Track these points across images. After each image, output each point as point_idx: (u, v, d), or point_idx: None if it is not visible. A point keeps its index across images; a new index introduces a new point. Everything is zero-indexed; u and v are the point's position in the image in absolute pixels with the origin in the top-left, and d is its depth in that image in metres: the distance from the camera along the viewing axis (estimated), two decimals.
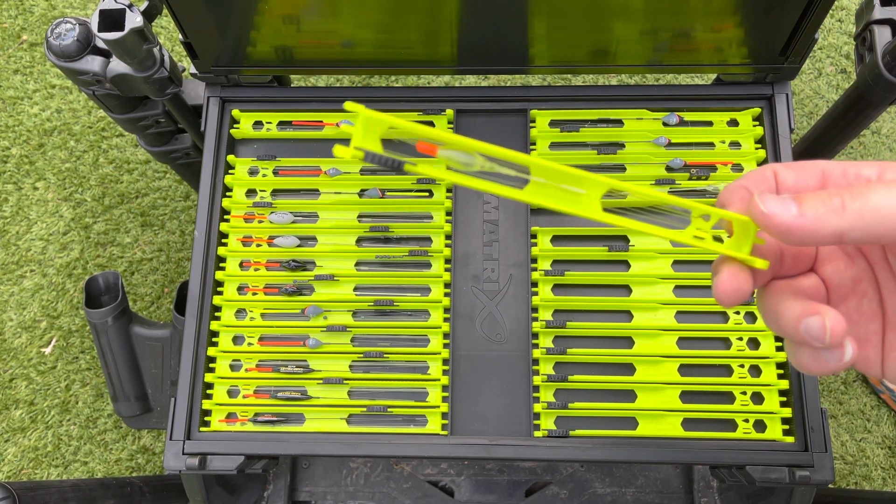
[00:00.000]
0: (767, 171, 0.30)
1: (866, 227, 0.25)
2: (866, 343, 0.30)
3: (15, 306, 1.01)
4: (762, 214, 0.27)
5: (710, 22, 0.57)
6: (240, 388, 0.59)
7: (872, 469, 0.92)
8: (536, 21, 0.57)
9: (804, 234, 0.26)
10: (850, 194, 0.26)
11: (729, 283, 0.30)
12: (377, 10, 0.56)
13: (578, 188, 0.30)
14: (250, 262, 0.62)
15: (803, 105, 1.07)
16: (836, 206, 0.26)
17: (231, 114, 0.65)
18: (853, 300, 0.31)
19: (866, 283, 0.31)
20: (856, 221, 0.25)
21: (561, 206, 0.30)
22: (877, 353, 0.30)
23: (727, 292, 0.30)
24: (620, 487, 0.77)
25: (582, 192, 0.30)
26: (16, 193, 1.06)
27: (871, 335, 0.30)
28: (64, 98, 1.10)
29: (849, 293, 0.31)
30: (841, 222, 0.25)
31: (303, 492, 0.79)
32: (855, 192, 0.26)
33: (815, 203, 0.26)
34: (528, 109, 0.64)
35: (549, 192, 0.30)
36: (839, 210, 0.25)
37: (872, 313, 0.30)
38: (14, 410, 0.97)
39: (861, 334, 0.31)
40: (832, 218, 0.26)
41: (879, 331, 0.30)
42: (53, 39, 0.63)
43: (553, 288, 0.60)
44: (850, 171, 0.28)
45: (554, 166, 0.29)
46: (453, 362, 0.59)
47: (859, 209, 0.25)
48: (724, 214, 0.30)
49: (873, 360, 0.30)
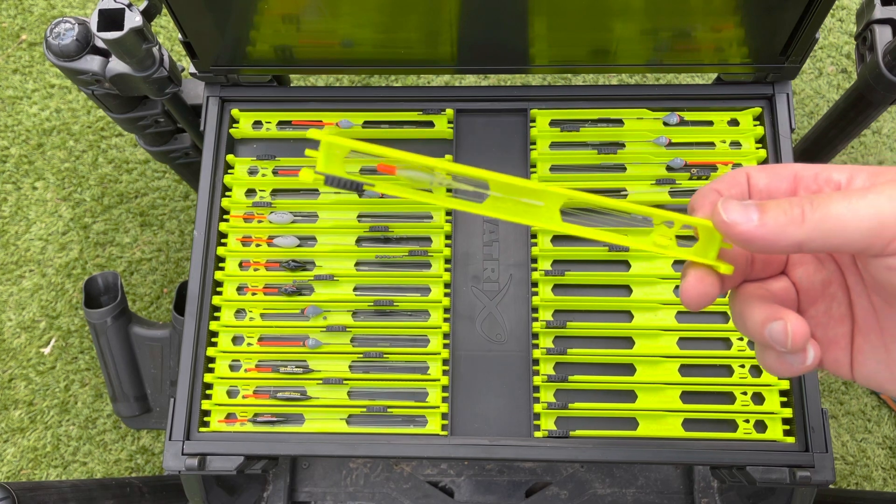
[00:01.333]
0: (740, 175, 0.30)
1: (824, 238, 0.25)
2: (835, 346, 0.31)
3: (14, 306, 1.01)
4: (723, 223, 0.27)
5: (710, 21, 0.57)
6: (239, 389, 0.59)
7: (873, 469, 0.92)
8: (536, 21, 0.57)
9: (764, 243, 0.26)
10: (811, 204, 0.26)
11: (694, 287, 0.30)
12: (377, 9, 0.56)
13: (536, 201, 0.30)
14: (250, 262, 0.62)
15: (804, 105, 1.07)
16: (797, 216, 0.26)
17: (230, 113, 0.65)
18: (822, 303, 0.31)
19: (836, 286, 0.31)
20: (814, 232, 0.25)
21: (520, 219, 0.31)
22: (846, 355, 0.30)
23: (692, 296, 0.30)
24: (621, 488, 0.77)
25: (540, 205, 0.30)
26: (15, 193, 1.06)
27: (839, 338, 0.30)
28: (63, 98, 1.10)
29: (818, 296, 0.31)
30: (800, 233, 0.26)
31: (302, 492, 0.78)
32: (816, 202, 0.26)
33: (775, 213, 0.26)
34: (528, 109, 0.64)
35: (508, 206, 0.30)
36: (799, 221, 0.26)
37: (841, 317, 0.31)
38: (13, 411, 0.97)
39: (830, 337, 0.31)
40: (791, 228, 0.26)
41: (848, 334, 0.30)
42: (52, 39, 0.63)
43: (553, 288, 0.60)
44: (821, 175, 0.29)
45: (511, 181, 0.29)
46: (453, 362, 0.59)
47: (818, 220, 0.25)
48: (687, 220, 0.30)
49: (842, 363, 0.30)
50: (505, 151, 0.64)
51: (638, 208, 0.30)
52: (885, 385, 0.29)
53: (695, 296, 0.30)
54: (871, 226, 0.24)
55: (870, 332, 0.30)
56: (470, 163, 0.64)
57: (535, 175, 0.62)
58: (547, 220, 0.31)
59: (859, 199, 0.25)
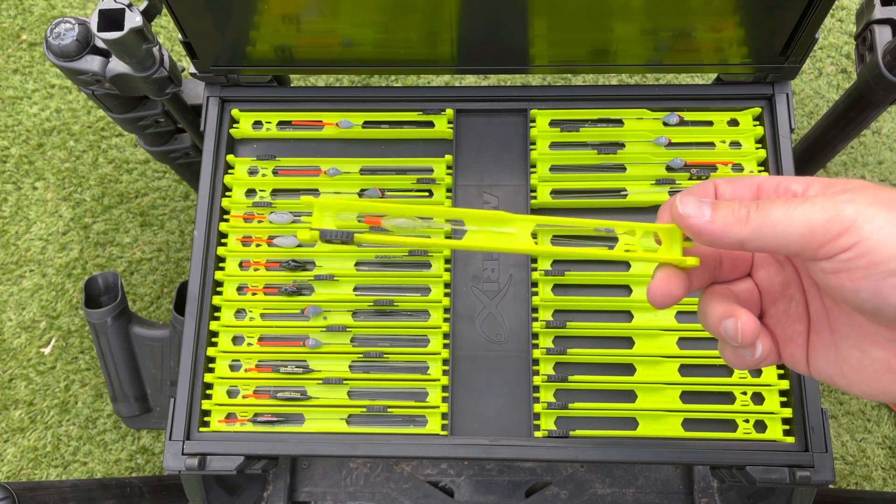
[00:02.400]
0: (709, 185, 0.33)
1: (762, 239, 0.28)
2: (792, 342, 0.33)
3: (14, 306, 1.01)
4: (679, 215, 0.30)
5: (710, 21, 0.57)
6: (239, 389, 0.59)
7: (873, 469, 0.92)
8: (536, 21, 0.57)
9: (712, 236, 0.30)
10: (756, 208, 0.28)
11: (659, 287, 0.33)
12: (377, 9, 0.56)
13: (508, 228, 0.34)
14: (250, 262, 0.62)
15: (804, 105, 1.07)
16: (742, 217, 0.29)
17: (230, 113, 0.65)
18: (782, 303, 0.34)
19: (794, 287, 0.33)
20: (754, 233, 0.28)
21: (497, 247, 0.34)
22: (802, 351, 0.33)
23: (657, 295, 0.33)
24: (621, 488, 0.77)
25: (513, 231, 0.34)
26: (15, 193, 1.06)
27: (797, 335, 0.33)
28: (63, 98, 1.10)
29: (778, 297, 0.34)
30: (743, 232, 0.29)
31: (302, 492, 0.78)
32: (761, 206, 0.28)
33: (725, 212, 0.29)
34: (528, 109, 0.64)
35: (484, 237, 0.34)
36: (743, 221, 0.29)
37: (799, 316, 0.33)
38: (13, 411, 0.97)
39: (788, 334, 0.33)
40: (737, 227, 0.29)
41: (804, 331, 0.33)
42: (53, 39, 0.63)
43: (553, 288, 0.60)
44: (781, 185, 0.32)
45: (482, 214, 0.33)
46: (453, 362, 0.59)
47: (759, 223, 0.28)
48: (646, 227, 0.34)
49: (799, 358, 0.33)
50: (505, 151, 0.64)
51: (600, 223, 0.34)
52: (834, 380, 0.32)
53: (660, 295, 0.33)
54: (802, 232, 0.27)
55: (822, 330, 0.32)
56: (470, 163, 0.64)
57: (535, 175, 0.62)
58: (522, 244, 0.34)
59: (796, 208, 0.27)
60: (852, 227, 0.26)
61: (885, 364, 0.29)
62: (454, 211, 0.34)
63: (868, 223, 0.26)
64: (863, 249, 0.26)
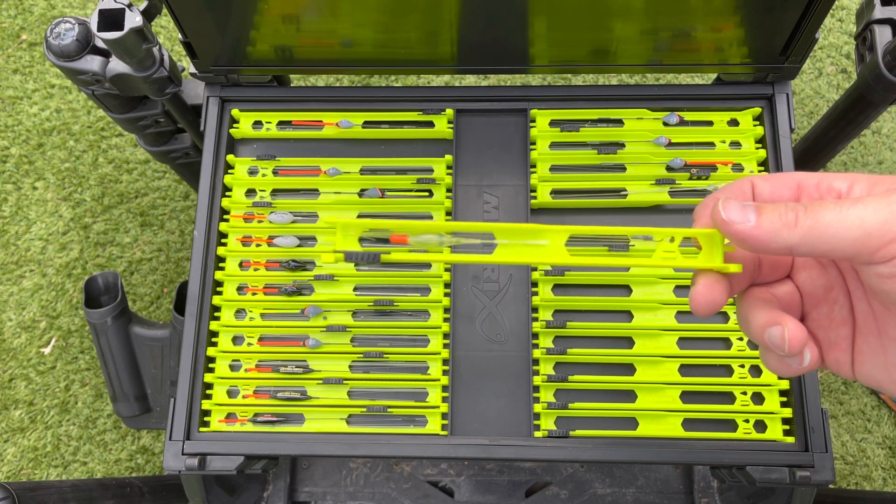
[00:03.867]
0: (745, 184, 0.31)
1: (813, 244, 0.27)
2: (836, 347, 0.32)
3: (14, 306, 1.01)
4: (722, 221, 0.29)
5: (710, 21, 0.57)
6: (239, 389, 0.59)
7: (873, 469, 0.92)
8: (536, 21, 0.57)
9: (758, 243, 0.28)
10: (805, 211, 0.27)
11: (703, 295, 0.32)
12: (377, 9, 0.56)
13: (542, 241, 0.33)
14: (250, 262, 0.62)
15: (804, 105, 1.07)
16: (790, 221, 0.27)
17: (230, 113, 0.65)
18: (825, 307, 0.32)
19: (837, 290, 0.32)
20: (804, 238, 0.27)
21: (529, 260, 0.33)
22: (847, 356, 0.32)
23: (700, 304, 0.32)
24: (621, 488, 0.77)
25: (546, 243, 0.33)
26: (15, 193, 1.06)
27: (841, 340, 0.32)
28: (63, 98, 1.10)
29: (821, 300, 0.33)
30: (792, 237, 0.27)
31: (302, 492, 0.78)
32: (809, 209, 0.27)
33: (771, 216, 0.28)
34: (528, 109, 0.64)
35: (516, 251, 0.33)
36: (792, 225, 0.27)
37: (843, 319, 0.32)
38: (13, 411, 0.97)
39: (832, 339, 0.32)
40: (785, 232, 0.27)
41: (849, 336, 0.32)
42: (53, 39, 0.63)
43: (553, 288, 0.60)
44: (823, 183, 0.30)
45: (514, 227, 0.32)
46: (453, 362, 0.59)
47: (809, 227, 0.27)
48: (686, 233, 0.32)
49: (843, 363, 0.32)
50: (505, 151, 0.64)
51: (637, 230, 0.32)
52: (883, 385, 0.30)
53: (703, 303, 0.31)
54: (857, 235, 0.26)
55: (869, 334, 0.31)
56: (470, 163, 0.64)
57: (536, 175, 0.62)
58: (555, 256, 0.33)
59: (848, 209, 0.26)
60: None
61: None
62: (483, 225, 0.32)
63: None
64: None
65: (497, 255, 0.33)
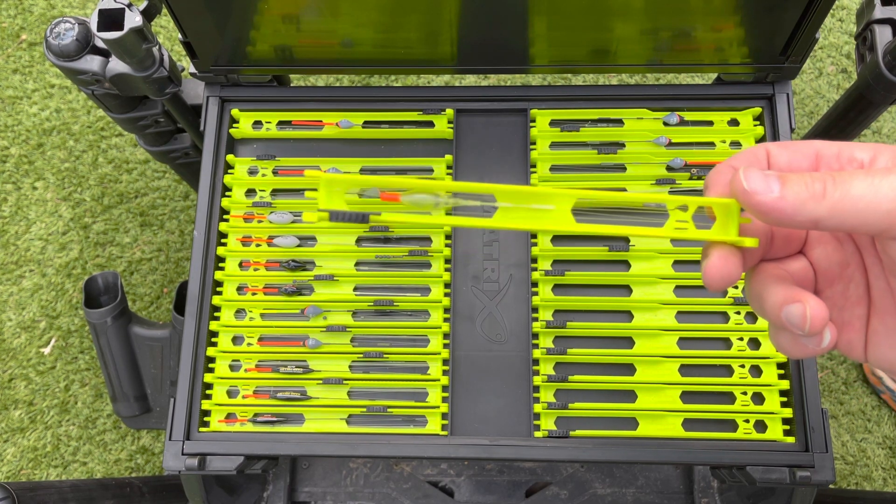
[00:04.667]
0: (760, 151, 0.29)
1: (842, 217, 0.25)
2: (849, 327, 0.30)
3: (14, 306, 1.01)
4: (743, 191, 0.26)
5: (710, 21, 0.57)
6: (239, 389, 0.59)
7: (873, 469, 0.92)
8: (536, 20, 0.57)
9: (782, 215, 0.26)
10: (833, 181, 0.25)
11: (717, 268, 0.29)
12: (377, 9, 0.56)
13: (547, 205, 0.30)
14: (250, 262, 0.62)
15: (804, 105, 1.07)
16: (818, 192, 0.25)
17: (230, 113, 0.65)
18: (840, 284, 0.31)
19: (854, 267, 0.30)
20: (832, 211, 0.25)
21: (532, 226, 0.30)
22: (860, 337, 0.30)
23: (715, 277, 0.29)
24: (621, 488, 0.77)
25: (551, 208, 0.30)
26: (15, 193, 1.06)
27: (854, 320, 0.30)
28: (63, 98, 1.10)
29: (836, 277, 0.31)
30: (818, 209, 0.25)
31: (302, 492, 0.78)
32: (838, 179, 0.25)
33: (797, 187, 0.26)
34: (528, 109, 0.64)
35: (518, 215, 0.30)
36: (820, 196, 0.25)
37: (858, 298, 0.30)
38: (13, 411, 0.97)
39: (845, 318, 0.30)
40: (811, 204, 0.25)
41: (864, 315, 0.30)
42: (53, 39, 0.63)
43: (553, 288, 0.60)
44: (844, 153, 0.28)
45: (518, 189, 0.29)
46: (453, 362, 0.59)
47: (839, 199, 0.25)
48: (701, 201, 0.29)
49: (856, 344, 0.30)
50: (505, 151, 0.64)
51: (650, 197, 0.30)
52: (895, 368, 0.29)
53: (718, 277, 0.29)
54: (891, 208, 0.24)
55: (885, 314, 0.29)
56: (470, 163, 0.64)
57: (535, 175, 0.62)
58: (560, 222, 0.30)
59: (881, 180, 0.24)
60: None
61: None
62: (483, 186, 0.29)
63: None
64: None
65: (497, 220, 0.30)
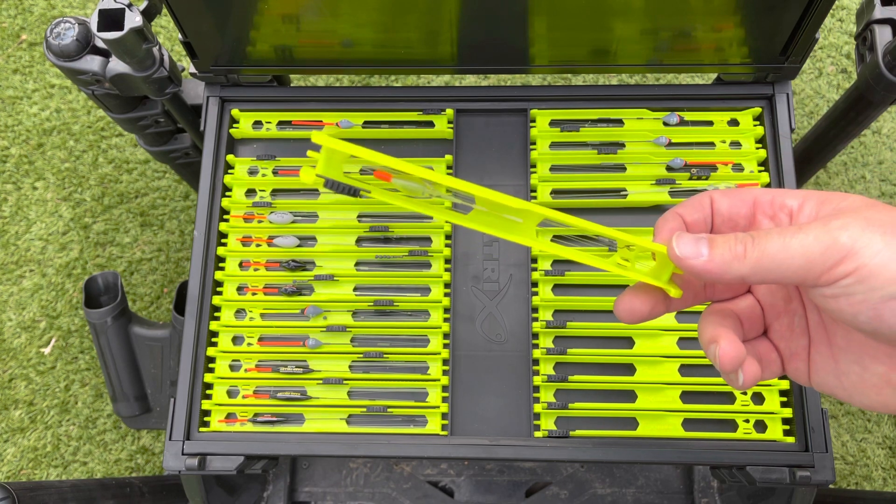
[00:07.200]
0: (704, 199, 0.33)
1: (763, 274, 0.28)
2: (796, 357, 0.34)
3: (14, 306, 1.01)
4: (675, 257, 0.30)
5: (710, 21, 0.57)
6: (239, 389, 0.59)
7: (873, 469, 0.92)
8: (536, 21, 0.57)
9: (712, 276, 0.29)
10: (753, 242, 0.28)
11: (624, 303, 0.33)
12: (377, 9, 0.56)
13: (516, 217, 0.32)
14: (250, 262, 0.62)
15: (804, 105, 1.07)
16: (739, 253, 0.29)
17: (230, 113, 0.65)
18: (785, 318, 0.34)
19: (796, 302, 0.34)
20: (754, 268, 0.28)
21: (499, 233, 0.33)
22: (804, 365, 0.33)
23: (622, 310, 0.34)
24: (621, 488, 0.77)
25: (519, 221, 0.33)
26: (15, 193, 1.06)
27: (800, 349, 0.33)
28: (63, 98, 1.10)
29: (781, 312, 0.34)
30: (742, 268, 0.29)
31: (302, 492, 0.78)
32: (756, 239, 0.28)
33: (722, 249, 0.29)
34: (528, 109, 0.64)
35: (490, 220, 0.33)
36: (741, 257, 0.29)
37: (802, 330, 0.33)
38: (13, 411, 0.97)
39: (792, 349, 0.34)
40: (735, 264, 0.29)
41: (807, 346, 0.33)
42: (53, 39, 0.63)
43: (553, 288, 0.60)
44: (777, 199, 0.32)
45: (494, 197, 0.31)
46: (453, 362, 0.59)
47: (757, 258, 0.28)
48: (644, 246, 0.33)
49: (802, 372, 0.33)
50: (505, 151, 0.64)
51: (604, 231, 0.33)
52: (835, 392, 0.32)
53: (624, 310, 0.33)
54: (801, 264, 0.27)
55: (821, 344, 0.32)
56: (470, 163, 0.64)
57: (535, 175, 0.62)
58: (524, 236, 0.33)
59: (791, 238, 0.27)
60: (850, 255, 0.26)
61: (884, 378, 0.30)
62: (467, 186, 0.31)
63: (865, 248, 0.26)
64: (862, 275, 0.26)
65: (469, 220, 0.33)
